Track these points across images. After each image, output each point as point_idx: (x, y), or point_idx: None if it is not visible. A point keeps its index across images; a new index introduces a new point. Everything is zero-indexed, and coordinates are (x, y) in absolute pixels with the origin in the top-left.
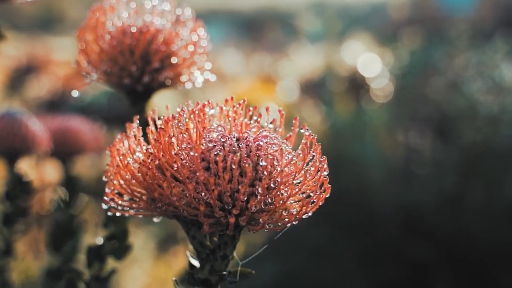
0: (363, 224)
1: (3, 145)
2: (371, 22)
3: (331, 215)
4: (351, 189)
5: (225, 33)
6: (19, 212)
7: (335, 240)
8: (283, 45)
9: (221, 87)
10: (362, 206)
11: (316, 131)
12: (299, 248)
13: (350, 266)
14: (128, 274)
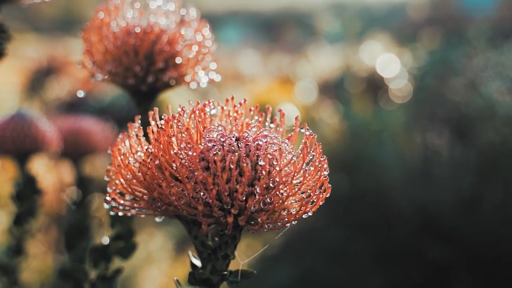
0: (381, 224)
1: (14, 145)
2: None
3: (348, 215)
4: (369, 190)
5: (244, 34)
6: (29, 212)
7: (352, 240)
8: (302, 45)
9: (239, 88)
10: (380, 207)
11: (334, 131)
12: (316, 249)
13: (367, 267)
14: (146, 274)
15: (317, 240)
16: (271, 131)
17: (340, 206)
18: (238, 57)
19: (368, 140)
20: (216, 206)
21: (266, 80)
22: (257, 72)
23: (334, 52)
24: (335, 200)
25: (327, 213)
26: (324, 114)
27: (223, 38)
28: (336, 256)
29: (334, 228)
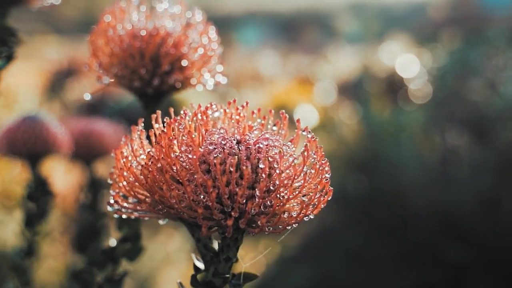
0: (399, 225)
1: (25, 147)
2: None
3: (366, 216)
4: (387, 190)
5: (263, 34)
6: (40, 213)
7: (370, 241)
8: (321, 46)
9: (258, 89)
10: (398, 208)
11: (352, 132)
12: (334, 250)
13: (385, 268)
14: (164, 276)
15: (335, 241)
16: (273, 133)
17: (358, 207)
18: (257, 58)
19: (386, 141)
20: (217, 209)
21: (285, 81)
22: (276, 73)
23: (354, 53)
24: (353, 201)
25: (344, 214)
26: (342, 115)
27: (243, 39)
28: (354, 257)
29: (351, 229)
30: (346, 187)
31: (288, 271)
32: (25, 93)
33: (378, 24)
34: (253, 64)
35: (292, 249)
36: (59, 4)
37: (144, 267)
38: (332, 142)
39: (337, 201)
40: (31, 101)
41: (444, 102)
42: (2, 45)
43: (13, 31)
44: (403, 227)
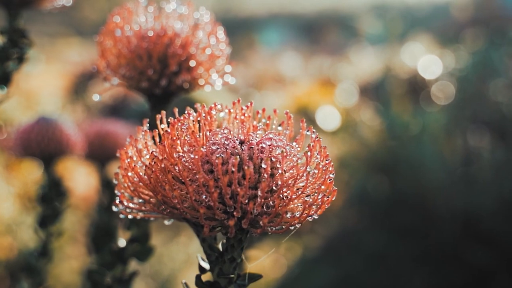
0: (421, 227)
1: (38, 148)
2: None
3: (388, 218)
4: (409, 192)
5: (285, 36)
6: (54, 214)
7: (392, 243)
8: (343, 47)
9: (280, 90)
10: (420, 209)
11: (374, 134)
12: (356, 252)
13: (407, 271)
14: (186, 277)
15: (356, 243)
16: (276, 134)
17: (379, 209)
18: (279, 60)
19: (408, 142)
20: (219, 209)
21: (306, 82)
22: (298, 74)
23: (376, 54)
24: (375, 202)
25: (366, 216)
26: (364, 116)
27: (265, 40)
28: (376, 259)
29: (373, 231)
30: (367, 189)
31: (310, 273)
32: (48, 95)
33: (401, 25)
34: (275, 66)
35: (313, 250)
36: (82, 7)
37: (165, 269)
38: (354, 143)
39: (359, 202)
40: (54, 103)
41: (466, 103)
42: (14, 46)
43: (25, 33)
44: (425, 229)
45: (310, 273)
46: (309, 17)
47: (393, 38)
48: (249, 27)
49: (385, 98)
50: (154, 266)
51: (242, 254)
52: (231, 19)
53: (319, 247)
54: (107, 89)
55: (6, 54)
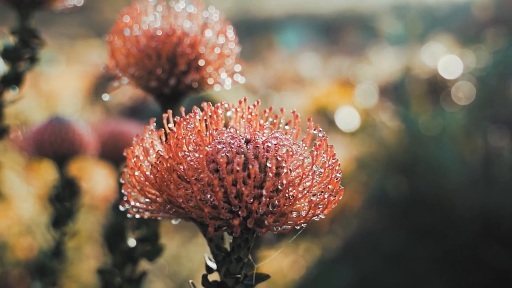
0: (440, 228)
1: (51, 149)
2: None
3: (407, 218)
4: (428, 193)
5: (304, 37)
6: (67, 214)
7: (411, 244)
8: (362, 48)
9: (299, 91)
10: (439, 210)
11: (393, 134)
12: (375, 252)
13: (427, 271)
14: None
15: (375, 244)
16: (283, 133)
17: (398, 209)
18: (298, 60)
19: (428, 143)
20: (224, 209)
21: (325, 83)
22: (317, 75)
23: (395, 54)
24: (394, 203)
25: (385, 217)
26: (383, 117)
27: (284, 41)
28: (395, 260)
29: (392, 232)
30: (386, 189)
31: (328, 274)
32: (68, 96)
33: (421, 24)
34: (294, 67)
35: (332, 251)
36: (102, 8)
37: (184, 269)
38: (373, 144)
39: (378, 203)
40: (73, 104)
41: (487, 103)
42: (25, 46)
43: (36, 33)
44: (444, 229)
45: (329, 274)
46: (328, 18)
47: (413, 38)
48: (268, 28)
49: (404, 99)
50: (173, 267)
51: (249, 254)
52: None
53: (337, 248)
54: (117, 89)
55: (18, 54)
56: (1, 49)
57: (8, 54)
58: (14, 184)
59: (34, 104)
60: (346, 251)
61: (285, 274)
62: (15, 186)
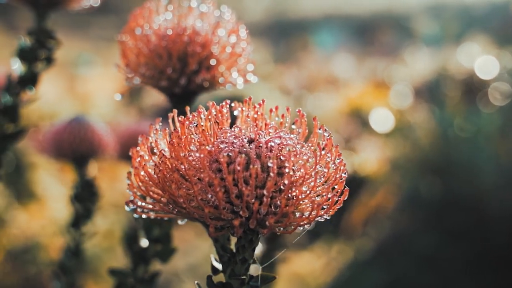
0: (474, 230)
1: (70, 149)
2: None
3: (441, 220)
4: (462, 194)
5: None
6: (86, 214)
7: (445, 246)
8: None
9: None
10: (474, 211)
11: (428, 135)
12: (408, 254)
13: (460, 273)
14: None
15: (408, 245)
16: (287, 132)
17: (432, 211)
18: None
19: (462, 144)
20: (226, 209)
21: (360, 84)
22: (351, 76)
23: (431, 55)
24: (427, 204)
25: (419, 218)
26: (418, 118)
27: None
28: (428, 261)
29: (426, 234)
30: (420, 191)
31: (361, 276)
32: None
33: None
34: (329, 67)
35: (365, 253)
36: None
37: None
38: (407, 145)
39: (411, 205)
40: (108, 105)
41: None
42: (41, 47)
43: (52, 34)
44: (479, 231)
45: (361, 276)
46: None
47: (449, 38)
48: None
49: (439, 99)
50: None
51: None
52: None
53: (370, 250)
54: (129, 88)
55: (34, 54)
56: (18, 49)
57: (25, 54)
58: (48, 185)
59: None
60: (379, 253)
61: (317, 276)
62: (49, 187)
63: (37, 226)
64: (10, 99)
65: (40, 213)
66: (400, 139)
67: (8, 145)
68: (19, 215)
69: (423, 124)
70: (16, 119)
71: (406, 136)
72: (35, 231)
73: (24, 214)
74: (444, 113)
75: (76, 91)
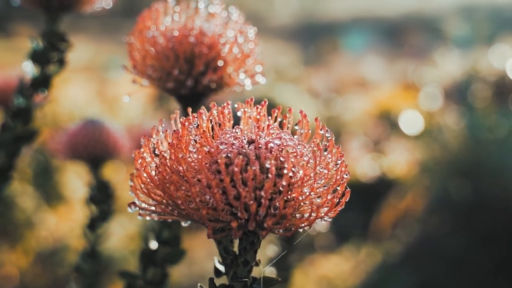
0: (504, 232)
1: (85, 151)
2: None
3: (471, 223)
4: (492, 197)
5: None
6: (102, 216)
7: (474, 249)
8: (428, 50)
9: (362, 94)
10: (503, 214)
11: (457, 137)
12: (437, 258)
13: (489, 277)
14: None
15: (438, 249)
16: (288, 133)
17: (461, 214)
18: (362, 64)
19: (492, 146)
20: (225, 211)
21: (389, 86)
22: (380, 78)
23: (462, 56)
24: (457, 207)
25: (448, 221)
26: (448, 120)
27: (348, 44)
28: (457, 265)
29: (455, 236)
30: (449, 194)
31: (389, 279)
32: (131, 102)
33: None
34: (358, 70)
35: (394, 256)
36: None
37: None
38: (436, 148)
39: (440, 207)
40: (137, 109)
41: None
42: (54, 50)
43: (64, 37)
44: (508, 233)
45: (390, 279)
46: (394, 20)
47: (480, 40)
48: (332, 32)
49: (470, 101)
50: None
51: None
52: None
53: (399, 253)
54: (137, 91)
55: (47, 57)
56: (30, 52)
57: (37, 57)
58: (76, 187)
59: (98, 109)
60: (407, 256)
61: (345, 279)
62: (77, 189)
63: (66, 228)
64: (23, 101)
65: (68, 215)
66: (429, 141)
67: (21, 147)
68: (47, 217)
69: (453, 126)
70: (29, 121)
71: (436, 138)
72: (64, 233)
73: (52, 216)
74: (474, 115)
75: (106, 95)
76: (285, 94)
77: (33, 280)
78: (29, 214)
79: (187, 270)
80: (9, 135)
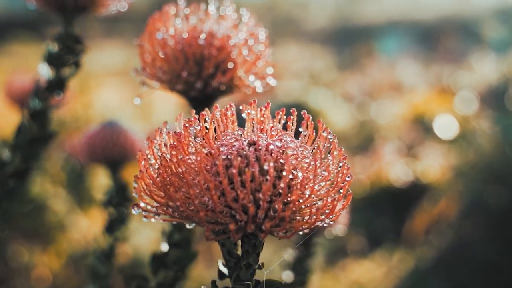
0: None
1: (103, 154)
2: None
3: (504, 229)
4: None
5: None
6: (120, 219)
7: (507, 255)
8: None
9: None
10: None
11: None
12: (470, 264)
13: None
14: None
15: (471, 255)
16: (290, 135)
17: (495, 220)
18: (397, 68)
19: None
20: (224, 213)
21: (424, 90)
22: (415, 82)
23: (498, 60)
24: (491, 213)
25: (482, 227)
26: (483, 125)
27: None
28: (491, 271)
29: (488, 242)
30: (483, 199)
31: (422, 285)
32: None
33: None
34: (393, 74)
35: (426, 262)
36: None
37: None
38: (471, 152)
39: (474, 213)
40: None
41: None
42: (69, 52)
43: (80, 39)
44: None
45: (422, 285)
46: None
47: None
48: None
49: (505, 106)
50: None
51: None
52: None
53: (432, 259)
54: (148, 93)
55: (62, 60)
56: (46, 55)
57: (52, 60)
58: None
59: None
60: (440, 262)
61: (377, 285)
62: None
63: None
64: (39, 104)
65: (100, 218)
66: (464, 146)
67: (38, 149)
68: (79, 220)
69: (488, 131)
70: (46, 123)
71: (470, 143)
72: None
73: (84, 219)
74: (510, 120)
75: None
76: (319, 98)
77: (65, 282)
78: (61, 217)
79: (207, 267)
80: (24, 138)
